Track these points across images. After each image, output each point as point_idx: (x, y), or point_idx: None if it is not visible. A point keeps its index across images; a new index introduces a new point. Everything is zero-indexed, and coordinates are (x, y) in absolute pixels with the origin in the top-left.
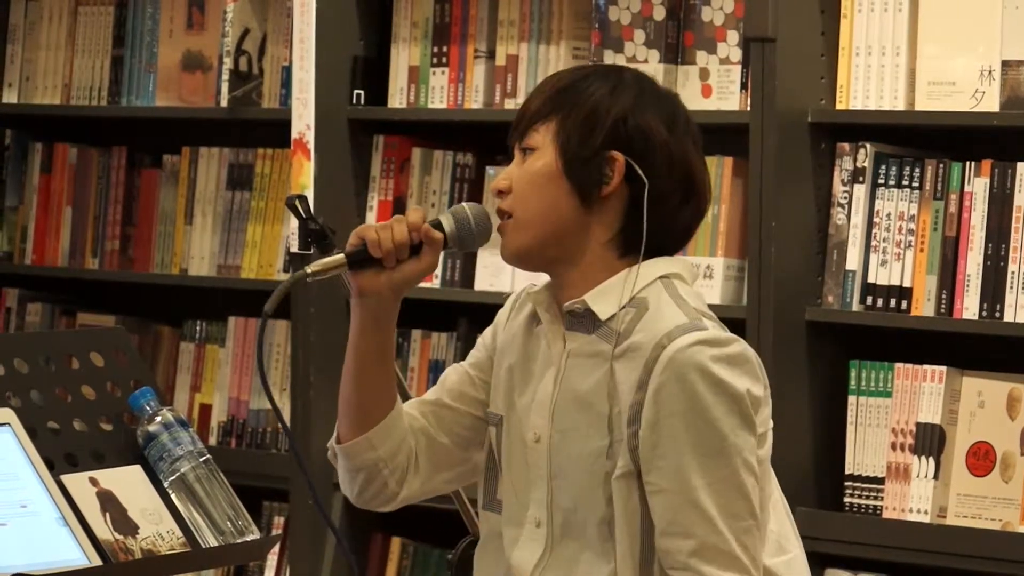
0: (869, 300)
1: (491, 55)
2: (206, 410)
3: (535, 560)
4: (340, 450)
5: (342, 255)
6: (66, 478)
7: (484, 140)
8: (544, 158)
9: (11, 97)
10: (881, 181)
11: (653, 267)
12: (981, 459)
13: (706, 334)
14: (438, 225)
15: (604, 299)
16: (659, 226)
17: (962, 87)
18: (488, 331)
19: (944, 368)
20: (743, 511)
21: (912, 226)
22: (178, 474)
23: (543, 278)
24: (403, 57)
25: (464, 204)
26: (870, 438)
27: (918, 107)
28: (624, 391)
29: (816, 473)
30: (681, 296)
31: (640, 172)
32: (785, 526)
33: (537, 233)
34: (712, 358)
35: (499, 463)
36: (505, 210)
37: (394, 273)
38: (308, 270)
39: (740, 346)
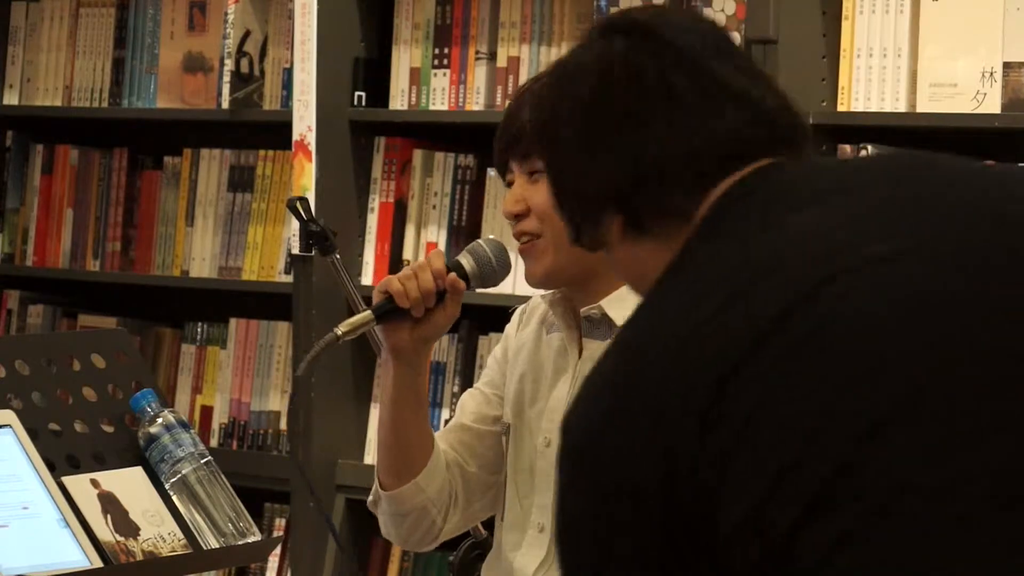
0: None
1: (492, 57)
2: (207, 412)
3: (536, 564)
4: (388, 497)
5: (370, 312)
6: (67, 480)
7: (486, 142)
8: None
9: (12, 98)
10: None
11: None
12: None
13: None
14: (458, 267)
15: (620, 304)
16: None
17: (963, 89)
18: (498, 348)
19: None
20: None
21: None
22: (179, 476)
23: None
24: (404, 59)
25: (480, 241)
26: None
27: (919, 109)
28: None
29: None
30: None
31: None
32: None
33: (568, 251)
34: None
35: (506, 470)
36: (529, 232)
37: (424, 328)
38: (338, 331)
39: None
